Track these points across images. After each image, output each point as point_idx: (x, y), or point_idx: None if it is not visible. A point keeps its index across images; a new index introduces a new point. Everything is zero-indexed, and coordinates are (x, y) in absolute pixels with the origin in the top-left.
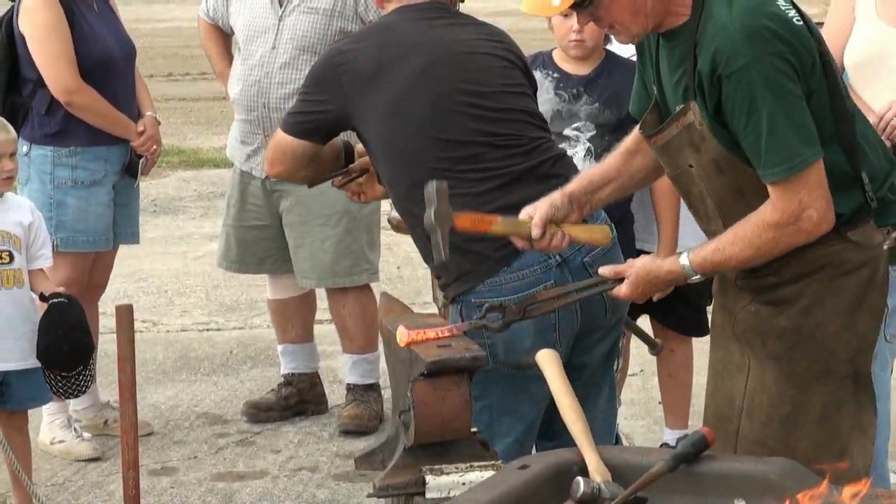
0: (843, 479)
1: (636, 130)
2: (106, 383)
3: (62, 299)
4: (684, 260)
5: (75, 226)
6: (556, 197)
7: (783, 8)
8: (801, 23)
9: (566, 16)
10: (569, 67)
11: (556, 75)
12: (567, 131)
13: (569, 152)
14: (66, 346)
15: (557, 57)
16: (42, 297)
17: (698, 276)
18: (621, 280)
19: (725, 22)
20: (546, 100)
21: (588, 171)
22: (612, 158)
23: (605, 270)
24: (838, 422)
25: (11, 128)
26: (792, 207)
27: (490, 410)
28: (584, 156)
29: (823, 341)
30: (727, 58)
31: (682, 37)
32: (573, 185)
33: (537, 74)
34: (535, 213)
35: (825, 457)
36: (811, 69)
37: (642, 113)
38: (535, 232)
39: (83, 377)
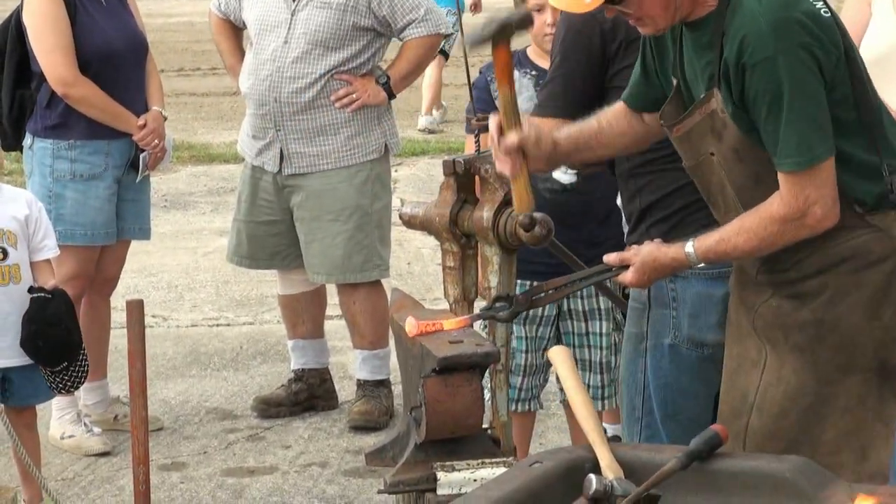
0: (862, 473)
1: (620, 107)
2: (116, 378)
3: (43, 294)
4: (689, 248)
5: (73, 219)
6: (545, 138)
7: (812, 0)
8: (829, 15)
9: (539, 10)
10: (544, 63)
11: (533, 73)
12: None
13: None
14: (40, 342)
15: (532, 54)
16: (29, 292)
17: (702, 265)
18: (626, 267)
19: (755, 12)
20: (527, 97)
21: (581, 128)
22: (588, 124)
23: (610, 258)
24: (861, 414)
25: None
26: (799, 203)
27: (665, 389)
28: None
29: (847, 333)
30: (753, 48)
31: (708, 26)
32: (563, 137)
33: (515, 73)
34: (525, 126)
35: (846, 449)
36: (836, 63)
37: (638, 104)
38: (507, 143)
39: (71, 373)
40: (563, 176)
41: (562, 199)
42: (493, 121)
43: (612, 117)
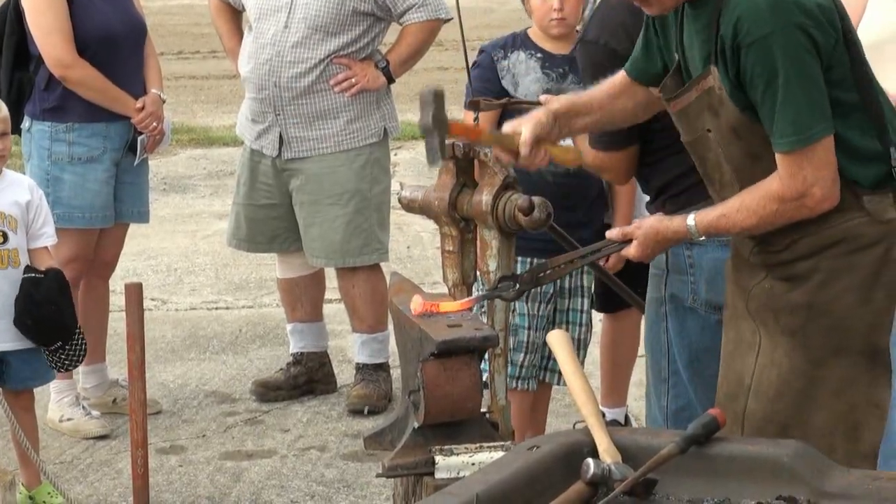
0: (855, 455)
1: (620, 76)
2: (115, 361)
3: (34, 274)
4: (690, 221)
5: (71, 202)
6: (541, 115)
7: None
8: None
9: None
10: (549, 46)
11: (539, 55)
12: None
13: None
14: (29, 321)
15: (535, 36)
16: (24, 272)
17: (704, 238)
18: (629, 241)
19: None
20: (534, 79)
21: (575, 96)
22: (596, 94)
23: (612, 233)
24: (852, 397)
25: (4, 106)
26: (797, 183)
27: (689, 349)
28: None
29: (838, 316)
30: (749, 27)
31: (708, 5)
32: (557, 104)
33: (520, 55)
34: (520, 128)
35: (838, 432)
36: (833, 45)
37: (639, 76)
38: (524, 150)
39: (67, 352)
40: None
41: (559, 182)
42: (498, 153)
43: (611, 83)
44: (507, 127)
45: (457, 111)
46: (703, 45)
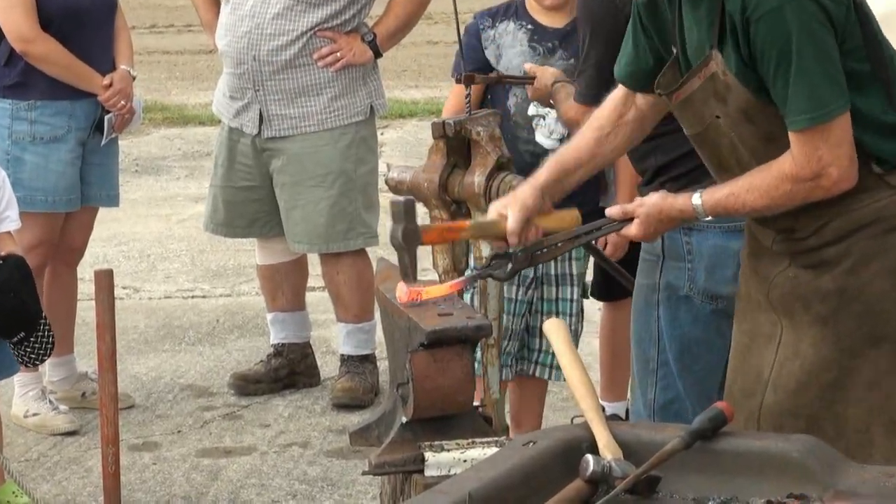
0: (894, 451)
1: (609, 106)
2: (84, 353)
3: None
4: (696, 200)
5: (33, 184)
6: (527, 195)
7: None
8: None
9: None
10: (543, 19)
11: (529, 27)
12: None
13: (540, 111)
14: None
15: (529, 7)
16: None
17: (710, 218)
18: (630, 220)
19: None
20: (519, 52)
21: (560, 156)
22: (584, 139)
23: (612, 211)
24: (890, 387)
25: None
26: (812, 164)
27: (681, 340)
28: (557, 116)
29: (871, 302)
30: (758, 0)
31: None
32: (545, 174)
33: (509, 25)
34: (505, 211)
35: (876, 425)
36: (845, 16)
37: (629, 77)
38: (513, 240)
39: (33, 345)
40: (547, 140)
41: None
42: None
43: (596, 126)
44: (492, 210)
45: (447, 89)
46: (706, 31)
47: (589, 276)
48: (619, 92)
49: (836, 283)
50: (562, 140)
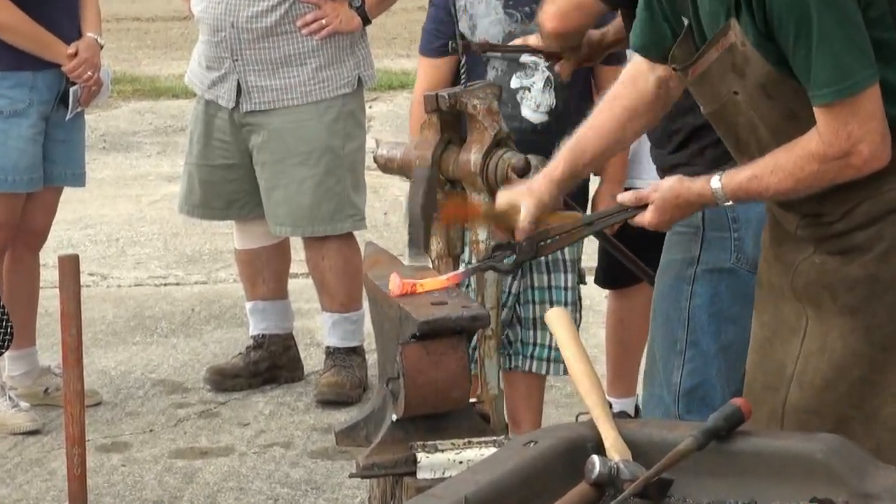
0: None
1: (630, 81)
2: (47, 345)
3: None
4: (716, 183)
5: None
6: (543, 190)
7: None
8: None
9: None
10: None
11: None
12: (523, 58)
13: (524, 83)
14: None
15: None
16: None
17: (730, 203)
18: (644, 207)
19: None
20: (494, 21)
21: (577, 142)
22: (607, 121)
23: (625, 197)
24: None
25: None
26: (840, 141)
27: (719, 317)
28: (543, 87)
29: None
30: None
31: None
32: (562, 166)
33: None
34: (518, 202)
35: None
36: None
37: (647, 48)
38: (521, 237)
39: None
40: (533, 115)
41: (531, 139)
42: (496, 231)
43: (633, 93)
44: (503, 198)
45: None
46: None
47: (592, 262)
48: (639, 66)
49: (866, 270)
50: (549, 113)
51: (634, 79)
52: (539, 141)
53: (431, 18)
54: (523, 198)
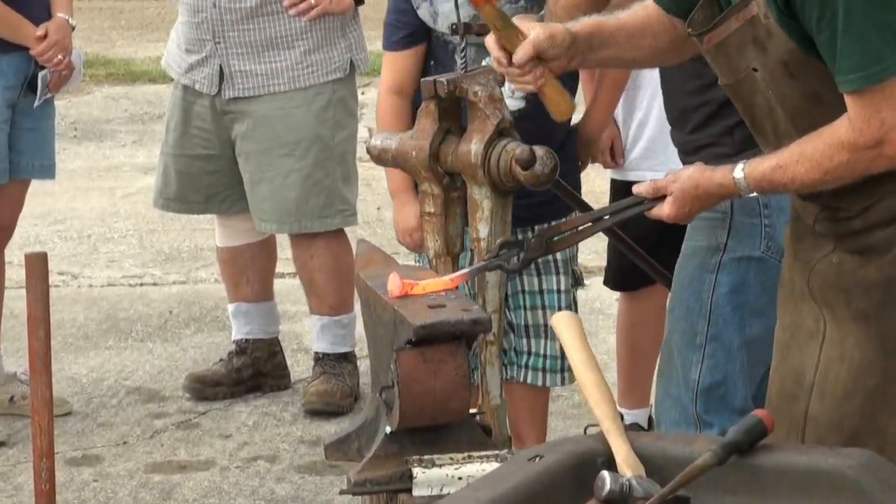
0: None
1: (650, 6)
2: (13, 350)
3: None
4: (738, 173)
5: None
6: (558, 31)
7: None
8: None
9: None
10: None
11: None
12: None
13: (486, 63)
14: None
15: None
16: None
17: (754, 194)
18: (662, 198)
19: None
20: (455, 5)
21: (598, 20)
22: (628, 22)
23: (641, 188)
24: None
25: None
26: (872, 129)
27: (743, 310)
28: None
29: None
30: None
31: None
32: (579, 26)
33: None
34: (527, 31)
35: None
36: None
37: (672, 5)
38: (519, 57)
39: None
40: (511, 101)
41: (519, 126)
42: (491, 45)
43: (642, 13)
44: (519, 21)
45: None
46: None
47: (602, 262)
48: (654, 11)
49: (882, 272)
50: (527, 98)
51: (652, 8)
52: (519, 128)
53: (391, 10)
54: (536, 26)
